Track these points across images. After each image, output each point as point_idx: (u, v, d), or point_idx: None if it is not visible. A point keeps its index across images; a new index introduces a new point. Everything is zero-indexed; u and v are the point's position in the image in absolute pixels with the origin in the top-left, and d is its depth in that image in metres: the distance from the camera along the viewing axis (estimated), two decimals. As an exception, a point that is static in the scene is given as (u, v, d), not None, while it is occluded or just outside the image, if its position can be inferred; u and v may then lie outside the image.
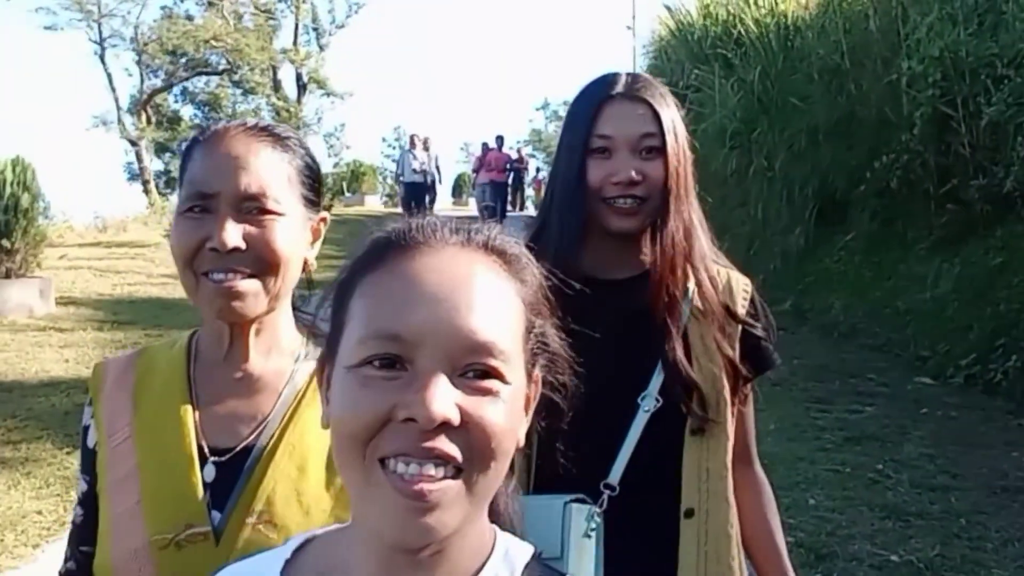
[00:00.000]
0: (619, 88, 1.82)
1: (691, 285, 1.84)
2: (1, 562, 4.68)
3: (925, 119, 9.32)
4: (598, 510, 1.74)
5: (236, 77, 41.19)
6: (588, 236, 1.85)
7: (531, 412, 0.94)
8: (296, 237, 1.43)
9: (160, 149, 41.69)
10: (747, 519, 1.91)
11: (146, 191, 35.07)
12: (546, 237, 1.87)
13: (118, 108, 37.32)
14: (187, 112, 43.57)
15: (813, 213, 11.62)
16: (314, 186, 1.50)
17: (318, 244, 1.52)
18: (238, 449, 1.42)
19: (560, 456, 1.55)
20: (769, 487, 1.97)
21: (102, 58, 37.07)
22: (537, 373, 0.94)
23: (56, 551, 4.77)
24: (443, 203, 33.02)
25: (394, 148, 50.06)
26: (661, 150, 1.80)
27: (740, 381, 1.88)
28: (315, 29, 43.77)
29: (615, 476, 1.78)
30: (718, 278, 1.87)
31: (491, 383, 0.84)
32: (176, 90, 41.29)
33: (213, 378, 1.47)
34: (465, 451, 0.83)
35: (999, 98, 8.40)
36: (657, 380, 1.81)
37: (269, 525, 1.38)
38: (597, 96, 1.83)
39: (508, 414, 0.85)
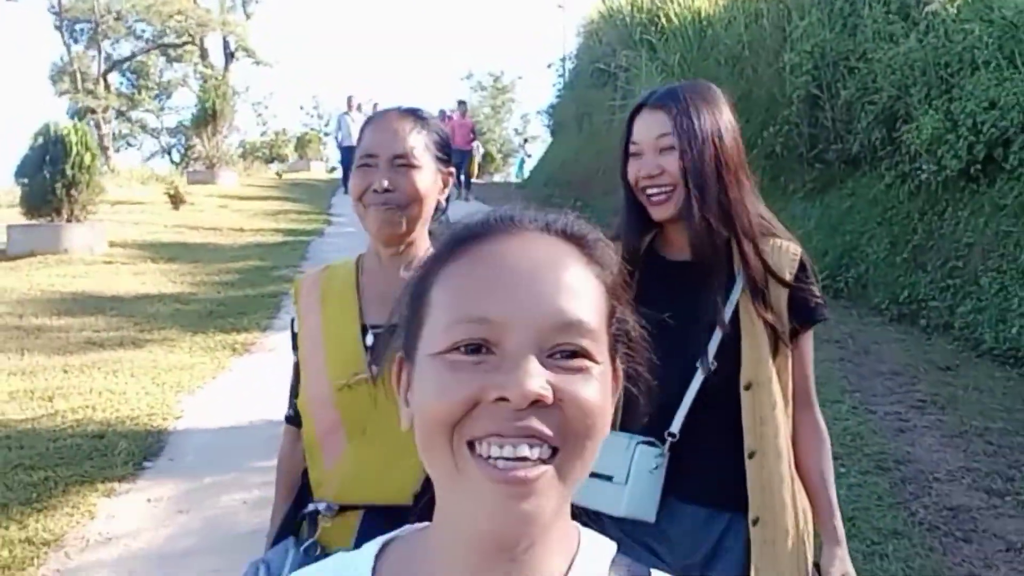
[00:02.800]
0: (647, 101, 2.08)
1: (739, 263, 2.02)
2: (193, 383, 7.19)
3: (800, 99, 11.93)
4: (664, 451, 2.00)
5: (193, 49, 41.60)
6: (653, 224, 2.08)
7: (614, 400, 0.91)
8: (430, 182, 1.98)
9: (83, 114, 42.14)
10: (802, 456, 2.10)
11: (106, 156, 36.00)
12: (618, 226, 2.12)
13: (81, 77, 37.94)
14: (113, 79, 43.94)
15: (719, 172, 14.14)
16: (445, 150, 2.05)
17: (447, 190, 2.06)
18: (388, 325, 1.67)
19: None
20: (824, 429, 2.15)
21: (60, 29, 37.72)
22: (618, 363, 0.92)
23: (223, 381, 7.33)
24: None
25: (311, 116, 49.22)
26: (676, 147, 1.99)
27: (787, 337, 2.04)
28: (241, -3, 43.92)
29: (676, 426, 2.02)
30: (766, 251, 2.03)
31: (581, 362, 0.82)
32: (101, 57, 41.90)
33: (373, 281, 2.02)
34: (560, 430, 0.80)
35: (851, 84, 11.13)
36: (712, 346, 2.02)
37: None
38: (633, 110, 2.11)
39: (601, 392, 0.83)
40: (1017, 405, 6.37)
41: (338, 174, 27.02)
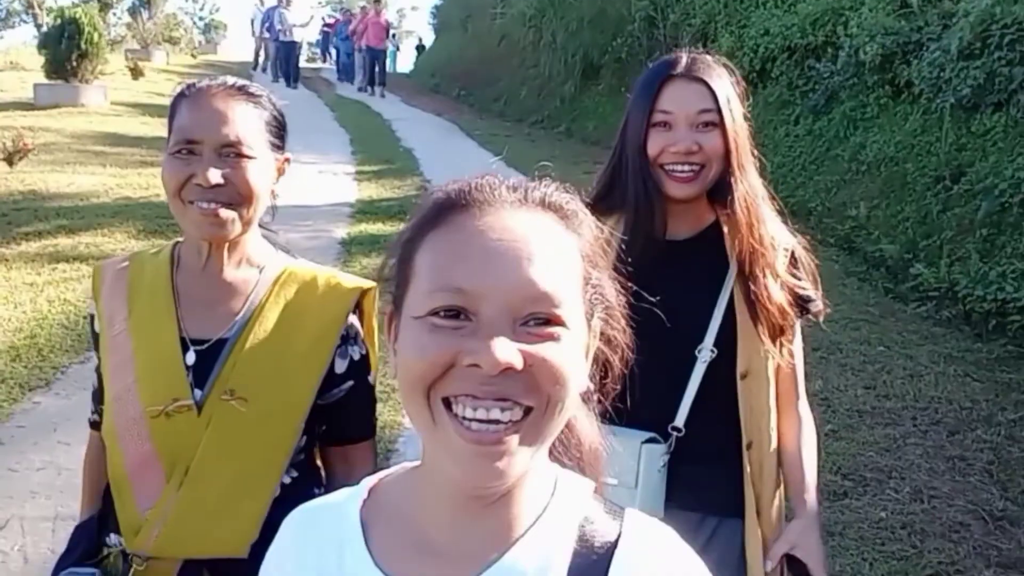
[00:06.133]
0: (679, 68, 1.91)
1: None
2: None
3: (641, 18, 14.85)
4: (669, 447, 1.95)
5: None
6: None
7: (590, 359, 0.96)
8: (265, 175, 1.66)
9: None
10: (785, 446, 2.05)
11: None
12: (614, 199, 1.96)
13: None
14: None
15: (579, 72, 16.99)
16: (279, 134, 1.72)
17: (282, 179, 1.75)
18: (214, 340, 1.67)
19: (626, 397, 1.33)
20: (811, 422, 2.09)
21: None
22: (596, 323, 0.96)
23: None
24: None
25: (187, 1, 50.72)
26: (717, 124, 1.89)
27: (779, 328, 1.96)
28: None
29: (680, 420, 1.95)
30: (770, 239, 1.94)
31: (552, 329, 0.87)
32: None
33: (193, 283, 1.71)
34: (531, 391, 0.86)
35: (677, 10, 14.19)
36: (712, 333, 1.96)
37: (240, 400, 1.63)
38: (660, 75, 1.93)
39: (570, 357, 0.88)
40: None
41: (247, 57, 28.75)
